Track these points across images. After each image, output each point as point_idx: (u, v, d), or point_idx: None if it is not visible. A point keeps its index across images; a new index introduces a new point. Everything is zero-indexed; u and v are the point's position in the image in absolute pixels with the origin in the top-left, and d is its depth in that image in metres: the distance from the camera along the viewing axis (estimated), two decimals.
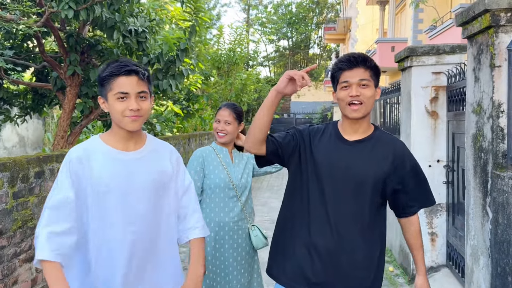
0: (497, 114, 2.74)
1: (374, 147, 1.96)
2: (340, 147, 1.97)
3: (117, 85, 1.74)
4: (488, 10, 2.70)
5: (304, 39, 37.68)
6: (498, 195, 2.67)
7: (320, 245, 1.94)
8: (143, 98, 1.79)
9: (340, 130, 2.03)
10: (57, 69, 5.62)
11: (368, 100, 1.92)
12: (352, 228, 1.93)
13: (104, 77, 1.77)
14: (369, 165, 1.93)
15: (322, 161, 1.96)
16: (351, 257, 1.93)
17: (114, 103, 1.76)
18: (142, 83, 1.78)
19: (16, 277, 2.72)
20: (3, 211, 2.58)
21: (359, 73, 1.90)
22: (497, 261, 2.70)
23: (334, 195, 1.93)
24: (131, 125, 1.77)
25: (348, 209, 1.93)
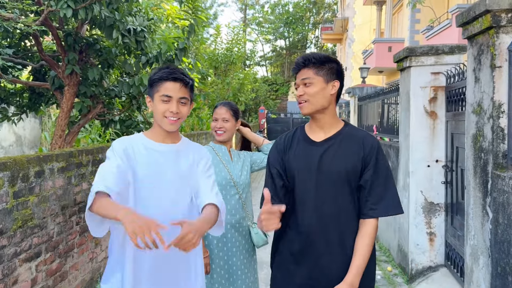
0: (497, 115, 2.75)
1: (341, 143, 1.98)
2: (308, 149, 2.01)
3: (163, 88, 1.97)
4: (489, 10, 2.71)
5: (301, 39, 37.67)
6: (499, 195, 2.68)
7: (305, 251, 1.98)
8: (184, 104, 2.02)
9: (307, 132, 2.07)
10: (55, 68, 5.59)
11: (313, 97, 1.96)
12: (334, 229, 1.95)
13: (154, 79, 2.01)
14: (337, 162, 1.95)
15: (294, 167, 2.01)
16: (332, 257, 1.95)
17: (158, 103, 1.99)
18: (185, 90, 2.01)
19: (16, 277, 2.71)
20: (4, 211, 2.57)
21: (302, 73, 2.00)
22: (497, 261, 2.71)
23: (312, 198, 1.96)
24: (169, 127, 2.00)
25: (327, 210, 1.94)
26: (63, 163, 3.25)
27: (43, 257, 3.03)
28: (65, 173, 3.30)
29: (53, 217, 3.15)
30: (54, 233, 3.17)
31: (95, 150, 3.87)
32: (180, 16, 6.65)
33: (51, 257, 3.13)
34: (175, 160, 2.05)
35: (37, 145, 11.20)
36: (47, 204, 3.05)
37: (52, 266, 3.15)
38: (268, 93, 29.80)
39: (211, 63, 14.28)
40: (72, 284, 3.46)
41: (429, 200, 4.67)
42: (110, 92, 6.21)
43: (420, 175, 4.69)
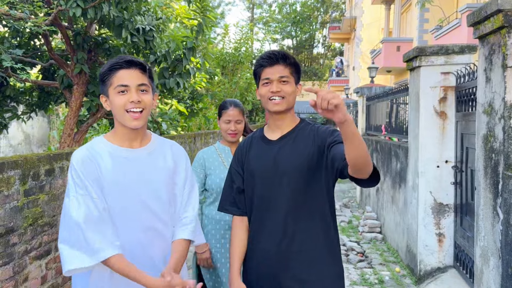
0: (509, 115, 2.73)
1: (296, 138, 1.99)
2: (264, 148, 2.03)
3: (117, 78, 1.72)
4: (501, 10, 2.68)
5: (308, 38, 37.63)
6: (510, 196, 2.66)
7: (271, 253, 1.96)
8: (144, 91, 1.75)
9: (265, 132, 2.08)
10: (64, 67, 5.63)
11: (289, 96, 1.96)
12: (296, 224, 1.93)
13: (104, 72, 1.75)
14: (292, 157, 1.95)
15: (251, 168, 2.03)
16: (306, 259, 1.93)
17: (115, 97, 1.72)
18: (142, 76, 1.76)
19: (26, 274, 2.73)
20: (15, 209, 2.59)
21: (279, 70, 1.95)
22: (507, 262, 2.69)
23: (271, 195, 1.96)
24: (133, 123, 1.73)
25: (291, 207, 1.93)
26: None
27: (53, 255, 3.05)
28: None
29: None
30: None
31: None
32: (188, 16, 6.66)
33: None
34: (148, 166, 1.81)
35: (46, 144, 11.29)
36: (57, 202, 3.07)
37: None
38: None
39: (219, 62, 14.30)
40: None
41: (438, 201, 4.65)
42: None
43: (430, 176, 4.67)
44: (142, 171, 1.79)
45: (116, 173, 1.74)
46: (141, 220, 1.77)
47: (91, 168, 1.70)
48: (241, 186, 2.07)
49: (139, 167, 1.78)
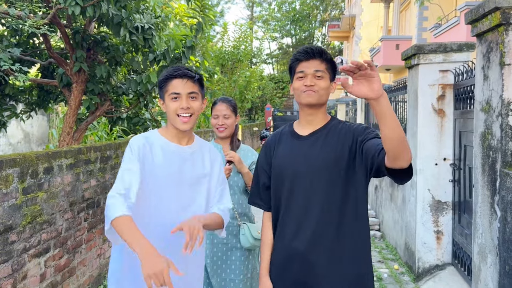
0: (506, 112, 2.74)
1: (327, 135, 1.97)
2: (294, 144, 2.02)
3: (171, 86, 2.01)
4: (499, 8, 2.69)
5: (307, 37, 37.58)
6: (507, 193, 2.67)
7: (294, 245, 1.95)
8: (194, 99, 2.02)
9: (295, 127, 2.07)
10: (63, 65, 5.63)
11: (323, 91, 1.95)
12: (324, 219, 1.91)
13: (161, 80, 2.04)
14: (324, 153, 1.93)
15: (280, 163, 2.02)
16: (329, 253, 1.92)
17: (169, 103, 2.01)
18: (192, 84, 2.02)
19: (25, 272, 2.73)
20: (13, 207, 2.59)
21: (315, 64, 1.95)
22: (505, 260, 2.70)
23: (300, 191, 1.95)
24: (182, 126, 2.01)
25: (316, 201, 1.92)
26: (72, 160, 3.27)
27: (52, 252, 3.06)
28: (74, 170, 3.32)
29: (62, 213, 3.18)
30: (62, 229, 3.20)
31: (103, 147, 3.90)
32: (188, 15, 6.66)
33: (59, 253, 3.15)
34: (191, 162, 2.07)
35: (45, 142, 11.28)
36: (55, 200, 3.08)
37: (61, 262, 3.18)
38: (275, 91, 29.78)
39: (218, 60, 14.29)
40: (80, 280, 3.49)
41: (436, 198, 4.66)
42: (118, 90, 6.25)
43: (428, 174, 4.67)
44: (185, 164, 2.04)
45: (164, 162, 2.00)
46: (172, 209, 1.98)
47: (144, 151, 1.97)
48: (267, 182, 2.08)
49: (182, 162, 2.04)
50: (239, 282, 2.71)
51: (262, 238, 2.10)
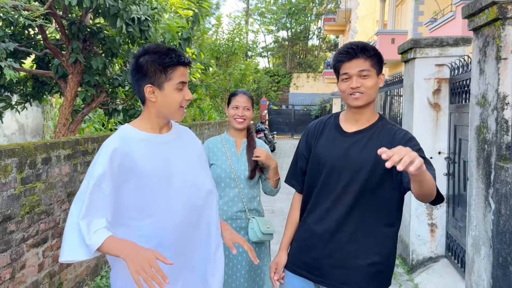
0: (502, 106, 2.77)
1: (372, 137, 1.97)
2: (337, 139, 2.02)
3: (178, 75, 1.77)
4: (496, 2, 2.71)
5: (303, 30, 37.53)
6: (501, 186, 2.71)
7: (317, 232, 2.03)
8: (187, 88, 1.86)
9: (340, 122, 2.07)
10: (59, 56, 5.60)
11: (370, 90, 1.93)
12: (349, 216, 1.96)
13: (166, 66, 1.75)
14: (364, 155, 1.94)
15: (320, 154, 2.04)
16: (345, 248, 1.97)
17: (173, 93, 1.77)
18: (188, 72, 1.86)
19: (24, 262, 2.75)
20: (12, 196, 2.60)
21: (359, 64, 1.91)
22: (498, 251, 2.75)
23: (333, 187, 1.98)
24: (181, 117, 1.83)
25: (350, 196, 1.95)
26: (70, 151, 3.28)
27: (50, 242, 3.07)
28: (72, 161, 3.33)
29: (60, 204, 3.19)
30: (60, 220, 3.21)
31: (100, 138, 3.90)
32: (183, 6, 6.64)
33: (57, 243, 3.17)
34: (180, 149, 1.90)
35: (40, 134, 11.24)
36: (53, 191, 3.08)
37: (58, 252, 3.19)
38: (270, 85, 29.77)
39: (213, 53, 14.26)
40: (78, 270, 3.51)
41: None
42: (114, 81, 6.23)
43: None
44: (175, 150, 1.87)
45: (152, 155, 1.78)
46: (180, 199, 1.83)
47: (121, 157, 1.72)
48: (304, 167, 2.13)
49: (172, 148, 1.86)
50: (245, 274, 2.73)
51: (288, 217, 2.20)
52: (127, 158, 1.71)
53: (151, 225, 1.75)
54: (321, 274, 2.03)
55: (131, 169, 1.71)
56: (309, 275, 2.06)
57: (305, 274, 2.07)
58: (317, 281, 2.06)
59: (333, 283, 1.99)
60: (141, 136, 1.79)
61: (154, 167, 1.76)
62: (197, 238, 1.89)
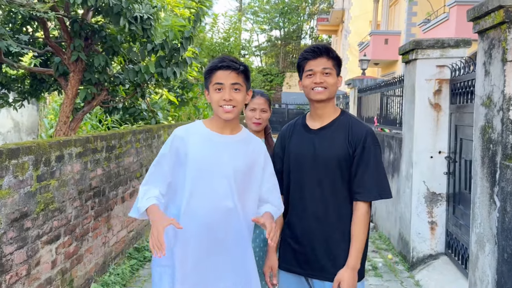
0: (507, 107, 2.85)
1: (335, 131, 2.17)
2: (305, 136, 2.21)
3: (215, 77, 2.02)
4: (502, 6, 2.78)
5: (296, 30, 37.61)
6: (507, 184, 2.79)
7: (299, 227, 2.20)
8: (237, 90, 2.02)
9: (307, 121, 2.26)
10: (61, 54, 5.60)
11: (331, 87, 2.14)
12: (325, 212, 2.15)
13: (207, 71, 2.07)
14: (330, 148, 2.13)
15: (292, 153, 2.23)
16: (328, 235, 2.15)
17: (213, 93, 2.02)
18: (236, 76, 2.01)
19: (38, 259, 2.77)
20: (28, 194, 2.62)
21: (323, 62, 2.12)
22: (504, 248, 2.83)
23: (306, 182, 2.17)
24: (225, 115, 2.01)
25: (319, 191, 2.14)
26: (81, 148, 3.30)
27: (62, 240, 3.09)
28: (82, 158, 3.35)
29: (71, 201, 3.21)
30: (71, 217, 3.23)
31: (109, 137, 3.93)
32: (179, 5, 6.68)
33: (69, 240, 3.19)
34: (233, 151, 2.06)
35: (35, 132, 11.18)
36: (66, 188, 3.11)
37: (70, 249, 3.22)
38: (263, 84, 29.82)
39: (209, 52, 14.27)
40: (87, 267, 3.53)
41: (431, 190, 4.79)
42: (115, 80, 6.24)
43: (423, 166, 4.80)
44: (226, 152, 2.05)
45: (203, 151, 2.03)
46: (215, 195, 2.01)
47: (182, 142, 2.04)
48: (281, 168, 2.26)
49: (224, 149, 2.05)
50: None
51: None
52: (184, 145, 2.01)
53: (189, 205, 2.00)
54: (310, 267, 2.19)
55: (185, 154, 2.01)
56: (300, 270, 2.22)
57: (297, 270, 2.23)
58: (308, 275, 2.22)
59: (323, 274, 2.16)
60: (203, 131, 2.07)
61: (201, 158, 2.01)
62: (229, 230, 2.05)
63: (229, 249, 2.04)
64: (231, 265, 2.04)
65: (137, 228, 4.82)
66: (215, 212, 2.00)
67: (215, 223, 2.00)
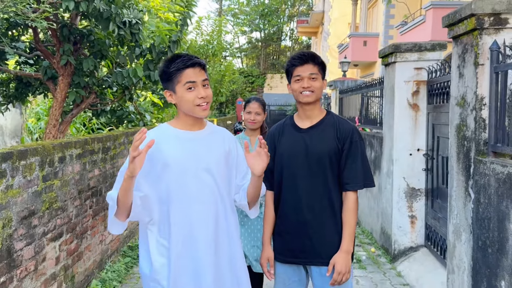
0: (480, 107, 3.11)
1: (324, 129, 2.38)
2: (296, 135, 2.42)
3: (185, 76, 2.00)
4: (474, 14, 3.04)
5: (276, 31, 37.96)
6: (480, 178, 3.05)
7: (294, 220, 2.38)
8: (207, 86, 2.06)
9: (296, 121, 2.47)
10: (50, 58, 5.70)
11: (318, 90, 2.36)
12: (319, 203, 2.35)
13: (172, 72, 2.01)
14: (321, 145, 2.36)
15: (284, 151, 2.43)
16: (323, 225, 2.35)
17: (184, 93, 2.00)
18: (203, 72, 2.06)
19: (44, 255, 2.91)
20: (35, 193, 2.76)
21: (309, 68, 2.33)
22: (478, 236, 3.08)
23: (300, 177, 2.37)
24: (202, 113, 2.04)
25: (312, 185, 2.35)
26: (80, 150, 3.44)
27: (64, 237, 3.23)
28: (81, 159, 3.49)
29: (72, 200, 3.35)
30: (73, 215, 3.37)
31: (104, 138, 4.07)
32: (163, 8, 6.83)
33: (70, 237, 3.33)
34: (209, 144, 2.08)
35: (18, 135, 11.14)
36: (67, 188, 3.24)
37: (71, 246, 3.36)
38: (244, 85, 30.03)
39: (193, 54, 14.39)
40: (86, 264, 3.67)
41: (411, 186, 5.06)
42: (104, 83, 6.35)
43: (403, 163, 5.07)
44: (202, 147, 2.07)
45: (181, 150, 2.03)
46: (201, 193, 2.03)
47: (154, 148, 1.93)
48: (272, 166, 2.43)
49: (199, 144, 2.08)
50: (253, 252, 3.02)
51: (265, 214, 2.48)
52: (156, 148, 1.94)
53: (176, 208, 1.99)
54: (306, 255, 2.39)
55: (157, 157, 1.97)
56: (296, 260, 2.42)
57: (294, 260, 2.42)
58: (306, 263, 2.43)
59: (319, 260, 2.36)
60: (172, 132, 2.07)
61: (177, 158, 2.00)
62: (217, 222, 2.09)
63: (221, 246, 2.07)
64: (227, 264, 2.08)
65: (130, 227, 4.96)
66: (205, 209, 2.02)
67: (205, 222, 2.02)
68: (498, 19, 3.02)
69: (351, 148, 2.36)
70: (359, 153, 2.37)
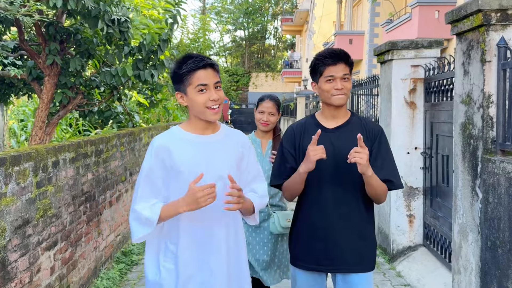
0: (487, 105, 3.05)
1: (352, 130, 2.26)
2: (322, 135, 2.21)
3: (196, 78, 1.92)
4: (481, 10, 2.98)
5: (260, 30, 37.88)
6: (489, 177, 2.98)
7: (320, 225, 2.25)
8: (219, 88, 1.98)
9: (320, 120, 2.32)
10: (35, 58, 5.49)
11: (349, 92, 2.27)
12: (347, 206, 2.23)
13: (183, 73, 1.93)
14: (351, 146, 2.18)
15: None
16: (350, 231, 2.24)
17: (196, 96, 1.93)
18: (216, 74, 1.96)
19: (39, 265, 2.75)
20: (29, 200, 2.60)
21: (342, 68, 2.21)
22: (487, 236, 3.02)
23: (326, 179, 2.23)
24: (213, 117, 1.96)
25: (341, 189, 2.23)
26: (73, 154, 3.28)
27: (59, 246, 3.07)
28: (75, 164, 3.33)
29: (66, 207, 3.19)
30: (67, 222, 3.21)
31: (97, 141, 3.91)
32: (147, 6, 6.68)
33: (65, 246, 3.17)
34: (222, 149, 2.02)
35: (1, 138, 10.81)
36: (61, 194, 3.09)
37: (66, 254, 3.20)
38: (229, 84, 29.88)
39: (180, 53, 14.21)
40: (81, 273, 3.51)
41: (408, 184, 5.01)
42: (91, 83, 6.16)
43: (400, 162, 5.00)
44: (214, 152, 2.00)
45: (192, 154, 1.98)
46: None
47: (164, 153, 1.96)
48: (294, 165, 2.28)
49: (211, 149, 2.01)
50: (263, 262, 2.87)
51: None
52: (168, 153, 1.93)
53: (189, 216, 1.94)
54: (331, 262, 2.26)
55: (170, 164, 1.94)
56: (319, 267, 2.29)
57: (317, 268, 2.30)
58: (330, 270, 2.30)
59: (345, 266, 2.25)
60: (184, 136, 1.99)
61: (189, 165, 1.94)
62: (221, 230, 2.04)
63: (231, 253, 2.03)
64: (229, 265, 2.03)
65: (123, 232, 4.80)
66: (215, 217, 1.97)
67: (215, 229, 1.98)
68: (505, 15, 2.96)
69: (380, 148, 2.26)
70: (391, 153, 2.32)
